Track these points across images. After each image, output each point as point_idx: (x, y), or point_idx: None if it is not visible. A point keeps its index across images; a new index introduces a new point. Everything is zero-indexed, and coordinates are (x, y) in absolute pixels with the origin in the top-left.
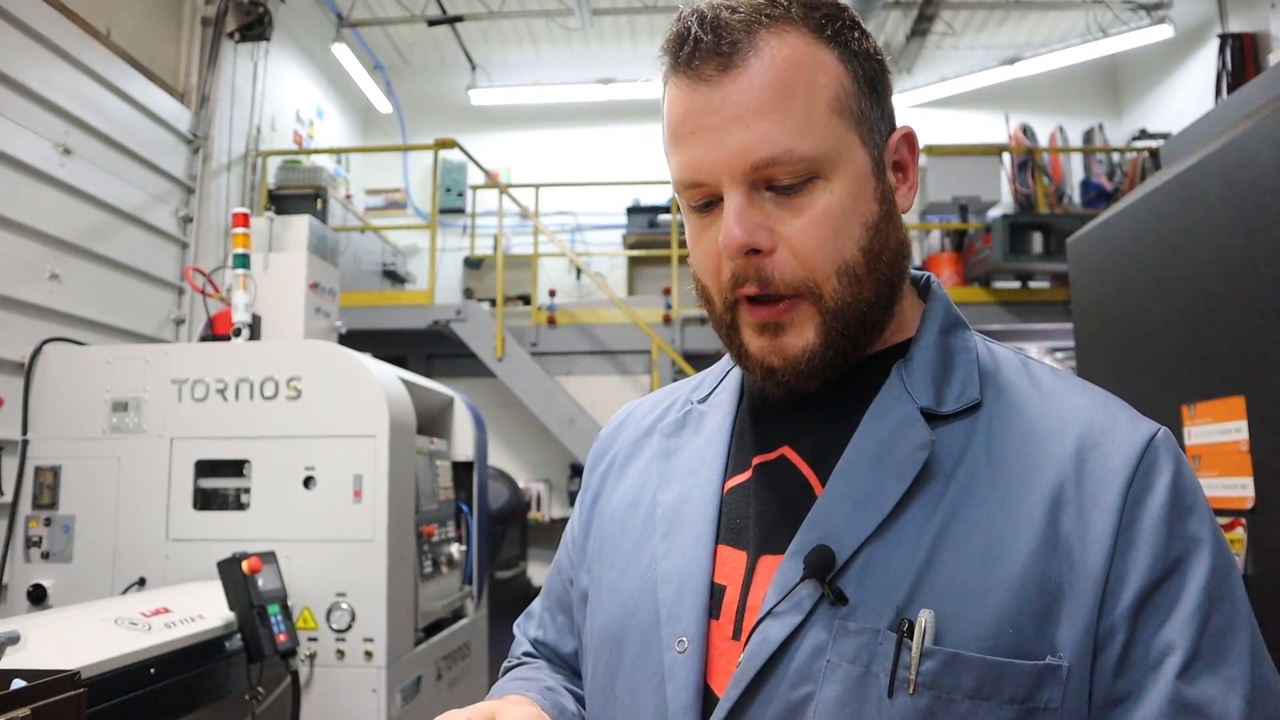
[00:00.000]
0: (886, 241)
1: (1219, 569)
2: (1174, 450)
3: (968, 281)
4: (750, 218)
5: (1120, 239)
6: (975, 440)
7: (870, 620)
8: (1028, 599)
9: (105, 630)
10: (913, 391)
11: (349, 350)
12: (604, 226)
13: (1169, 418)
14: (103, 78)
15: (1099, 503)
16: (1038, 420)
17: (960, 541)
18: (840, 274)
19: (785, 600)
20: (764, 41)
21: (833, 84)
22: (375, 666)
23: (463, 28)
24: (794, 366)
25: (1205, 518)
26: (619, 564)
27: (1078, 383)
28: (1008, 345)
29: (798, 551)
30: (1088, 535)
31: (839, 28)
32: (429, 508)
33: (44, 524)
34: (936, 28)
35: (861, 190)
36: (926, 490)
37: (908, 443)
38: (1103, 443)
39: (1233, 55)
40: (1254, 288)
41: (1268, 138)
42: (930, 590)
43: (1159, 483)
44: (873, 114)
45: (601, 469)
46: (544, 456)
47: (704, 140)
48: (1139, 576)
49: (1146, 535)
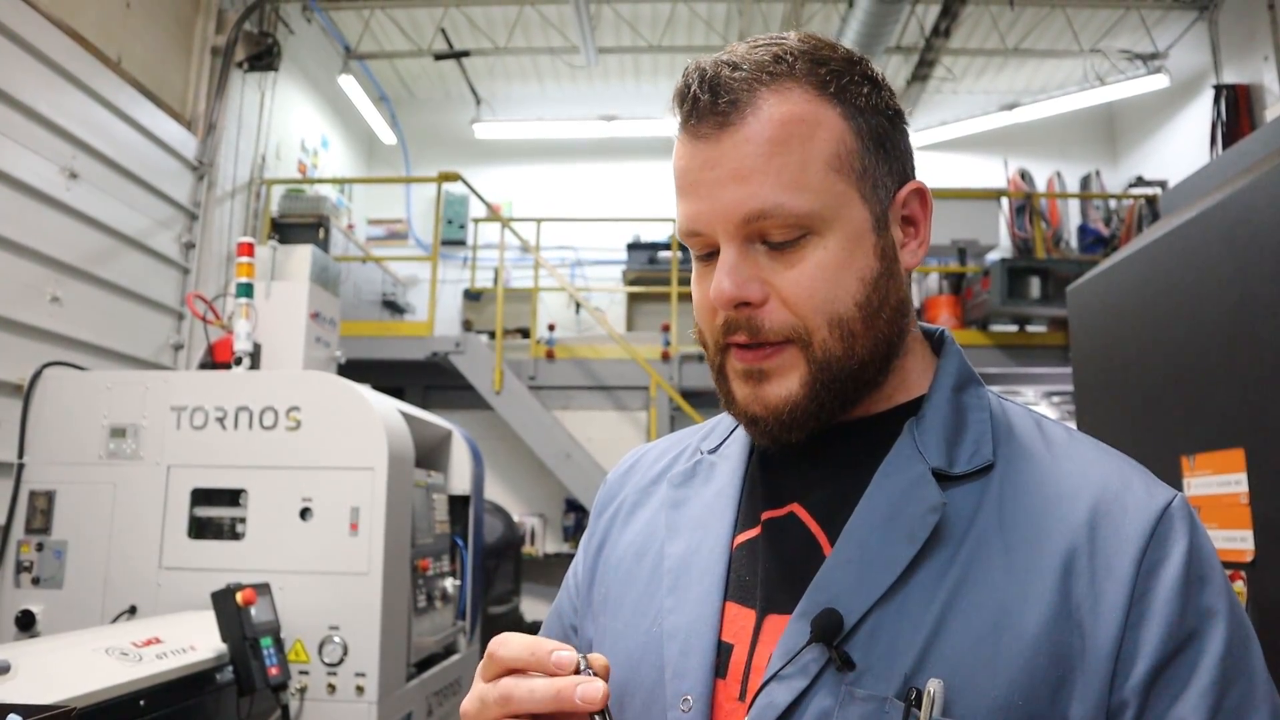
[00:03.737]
0: (885, 298)
1: (1236, 644)
2: (1189, 519)
3: (965, 324)
4: (741, 271)
5: (1120, 289)
6: (987, 503)
7: (878, 687)
8: (1039, 669)
9: (96, 660)
10: (924, 451)
11: (349, 382)
12: (604, 262)
13: (1169, 468)
14: (111, 104)
15: (1111, 572)
16: (1050, 484)
17: (971, 608)
18: (832, 325)
19: (791, 664)
20: (763, 99)
21: (832, 140)
22: (366, 701)
23: (468, 62)
24: (775, 415)
25: (1221, 589)
26: (624, 616)
27: (1092, 444)
28: (1021, 403)
29: (805, 614)
30: (1100, 606)
31: (844, 84)
32: (424, 541)
33: (36, 549)
34: (937, 73)
35: (858, 246)
36: (937, 554)
37: (919, 505)
38: (1116, 509)
39: (1227, 106)
40: (1254, 341)
41: (1267, 192)
42: (939, 658)
43: (1173, 552)
44: (877, 170)
45: (609, 515)
46: (539, 491)
47: (702, 194)
48: (1151, 650)
49: (1159, 607)
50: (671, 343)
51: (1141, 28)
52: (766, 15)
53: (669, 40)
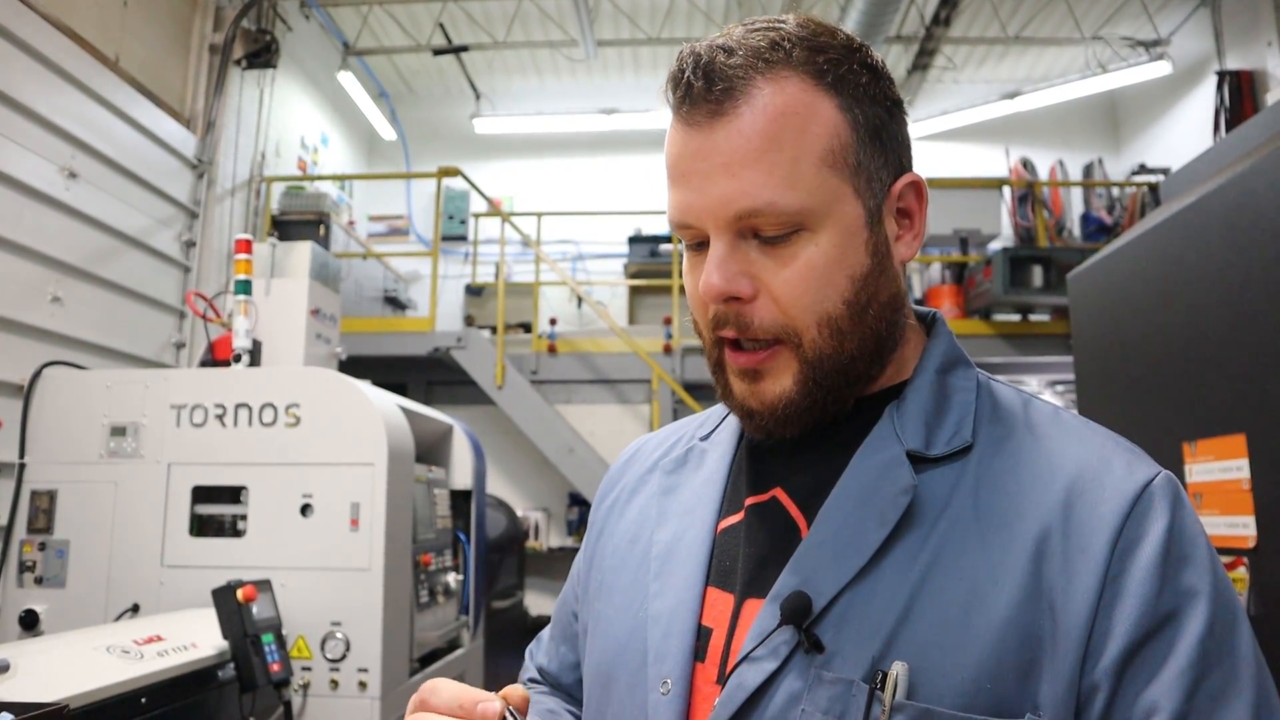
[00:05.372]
0: (875, 295)
1: (1219, 625)
2: (1173, 495)
3: (968, 314)
4: (730, 266)
5: (1121, 275)
6: (963, 485)
7: (846, 670)
8: (1008, 653)
9: (97, 658)
10: (902, 433)
11: (349, 378)
12: (605, 255)
13: (1170, 454)
14: (110, 103)
15: (1085, 551)
16: (1028, 464)
17: (940, 591)
18: (821, 325)
19: (762, 646)
20: (757, 89)
21: (826, 135)
22: (369, 697)
23: (467, 57)
24: (770, 411)
25: (1205, 569)
26: (615, 601)
27: (1078, 424)
28: (1012, 384)
29: (777, 596)
30: (1072, 586)
31: (842, 73)
32: (426, 536)
33: (38, 548)
34: (938, 62)
35: (850, 243)
36: (909, 536)
37: (891, 487)
38: (1093, 489)
39: (1230, 92)
40: (1254, 326)
41: (1267, 176)
42: (908, 641)
43: (1152, 531)
44: (872, 164)
45: (607, 504)
46: (542, 485)
47: (693, 185)
48: (1124, 631)
49: (1135, 587)
50: (673, 336)
51: (1144, 14)
52: (766, 6)
53: (668, 32)
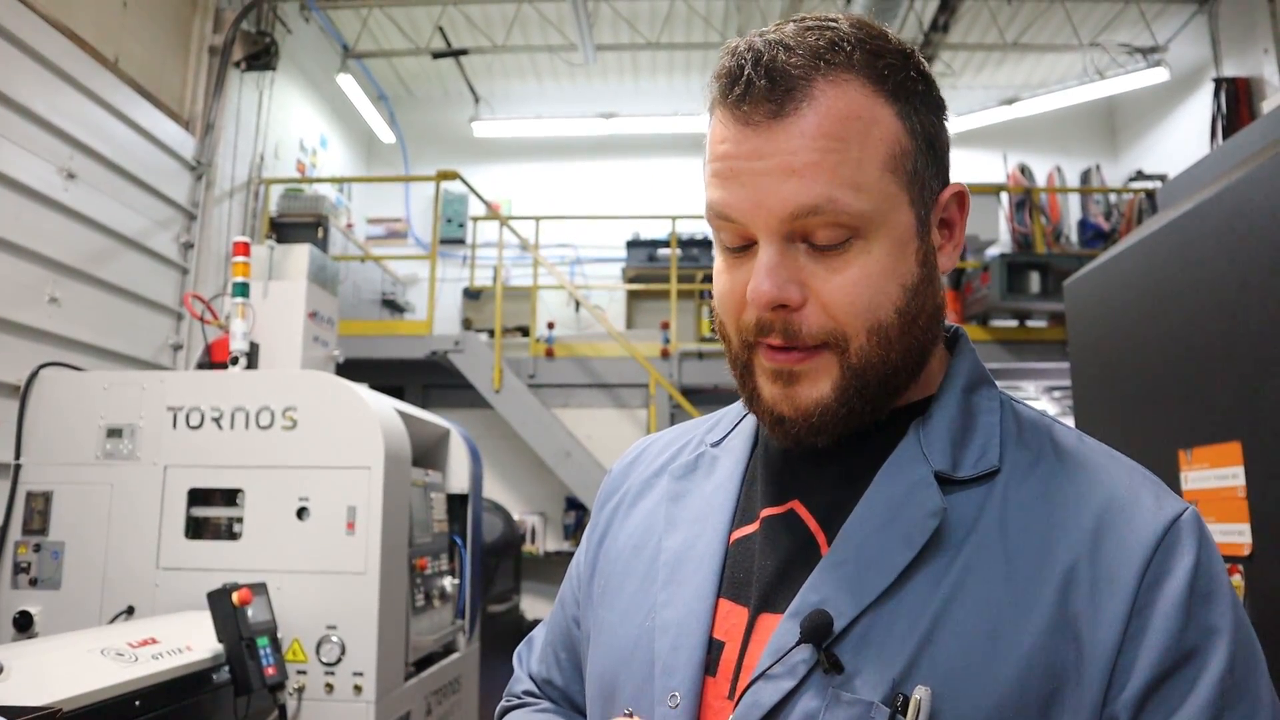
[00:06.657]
0: (924, 305)
1: (1239, 665)
2: (1199, 532)
3: (965, 320)
4: (782, 273)
5: (1117, 282)
6: (990, 509)
7: (865, 692)
8: (1032, 682)
9: (91, 661)
10: (928, 453)
11: (345, 381)
12: (603, 260)
13: (1166, 462)
14: (109, 104)
15: (1113, 583)
16: (1057, 492)
17: (965, 616)
18: (871, 332)
19: (779, 664)
20: (819, 90)
21: (888, 140)
22: (364, 701)
23: (467, 60)
24: (804, 418)
25: (1227, 607)
26: (619, 608)
27: (1105, 452)
28: (1036, 408)
29: (796, 613)
30: (1099, 617)
31: (901, 80)
32: (422, 540)
33: (33, 550)
34: (936, 68)
35: (903, 252)
36: (935, 559)
37: (919, 508)
38: (1121, 520)
39: (1227, 99)
40: (1250, 333)
41: (1263, 184)
42: (930, 665)
43: (1179, 566)
44: (926, 172)
45: (611, 506)
46: (539, 489)
47: (746, 184)
48: (1148, 665)
49: (1161, 621)
50: (671, 340)
51: (1141, 21)
52: (765, 11)
53: (667, 37)
